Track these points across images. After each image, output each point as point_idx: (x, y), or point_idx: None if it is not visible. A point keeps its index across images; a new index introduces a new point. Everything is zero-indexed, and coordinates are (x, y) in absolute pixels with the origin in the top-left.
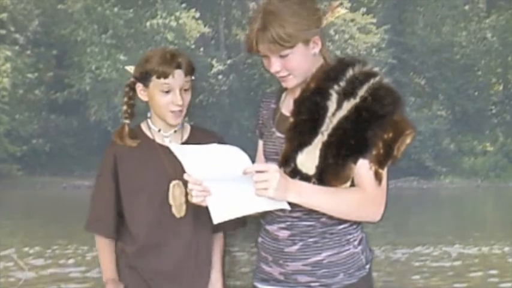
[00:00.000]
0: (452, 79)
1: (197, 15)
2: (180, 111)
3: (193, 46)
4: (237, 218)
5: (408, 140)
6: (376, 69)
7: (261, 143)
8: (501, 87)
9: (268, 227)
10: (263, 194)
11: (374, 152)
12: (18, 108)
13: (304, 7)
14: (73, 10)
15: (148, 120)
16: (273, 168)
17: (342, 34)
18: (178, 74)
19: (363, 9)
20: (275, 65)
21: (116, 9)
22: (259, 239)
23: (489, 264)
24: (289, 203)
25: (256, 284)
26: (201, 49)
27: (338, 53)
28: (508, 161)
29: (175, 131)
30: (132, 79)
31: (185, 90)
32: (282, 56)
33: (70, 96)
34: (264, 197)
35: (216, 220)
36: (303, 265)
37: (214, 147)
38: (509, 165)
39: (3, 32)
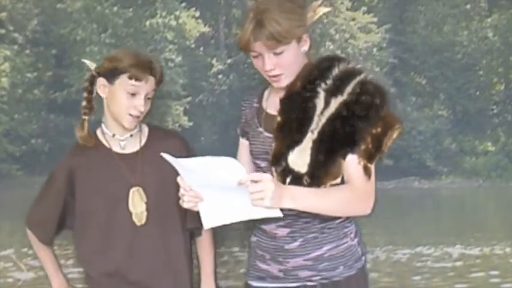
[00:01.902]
0: (454, 79)
1: (197, 14)
2: (138, 117)
3: (193, 45)
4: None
5: (395, 135)
6: (360, 66)
7: (242, 141)
8: (502, 87)
9: (264, 226)
10: (259, 204)
11: (363, 147)
12: (17, 108)
13: (295, 5)
14: (72, 9)
15: (102, 125)
16: (268, 178)
17: (343, 33)
18: (151, 80)
19: (364, 9)
20: (269, 64)
21: (115, 8)
22: (254, 238)
23: (491, 265)
24: (281, 209)
25: (251, 282)
26: (201, 48)
27: (339, 52)
28: (509, 161)
29: (131, 135)
30: (93, 73)
31: (148, 98)
32: (276, 54)
33: (69, 95)
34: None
35: (206, 225)
36: (304, 260)
37: (209, 159)
38: (510, 165)
39: (2, 31)
